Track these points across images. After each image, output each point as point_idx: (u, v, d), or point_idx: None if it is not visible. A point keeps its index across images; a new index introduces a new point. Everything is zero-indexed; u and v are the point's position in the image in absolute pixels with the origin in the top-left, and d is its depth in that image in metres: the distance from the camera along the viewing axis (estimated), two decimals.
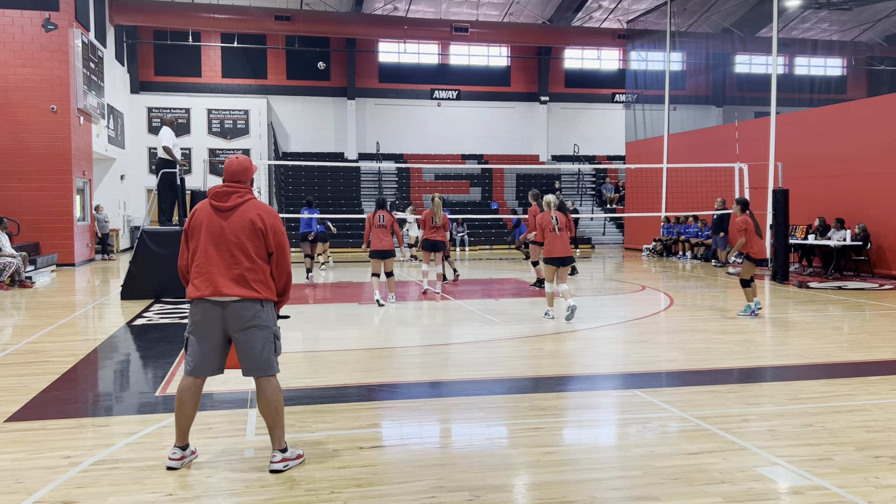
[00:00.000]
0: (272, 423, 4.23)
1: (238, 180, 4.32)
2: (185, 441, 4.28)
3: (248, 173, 4.37)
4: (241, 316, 4.15)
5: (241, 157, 4.39)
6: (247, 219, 4.22)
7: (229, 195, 4.26)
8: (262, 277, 4.21)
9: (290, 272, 4.38)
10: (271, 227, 4.27)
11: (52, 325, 9.31)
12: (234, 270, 4.16)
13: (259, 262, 4.21)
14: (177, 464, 4.19)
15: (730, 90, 30.47)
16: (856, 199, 15.70)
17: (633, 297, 12.49)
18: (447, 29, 27.73)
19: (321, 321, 9.76)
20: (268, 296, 4.22)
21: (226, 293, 4.13)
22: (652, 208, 22.54)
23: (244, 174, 4.35)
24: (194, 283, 4.22)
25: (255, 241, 4.21)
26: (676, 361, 7.12)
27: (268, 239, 4.25)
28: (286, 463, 4.18)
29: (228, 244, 4.18)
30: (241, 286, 4.15)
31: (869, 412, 5.28)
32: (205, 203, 4.32)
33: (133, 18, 25.39)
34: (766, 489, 3.88)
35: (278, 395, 4.23)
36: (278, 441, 4.22)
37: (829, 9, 27.85)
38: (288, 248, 4.35)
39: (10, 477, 4.09)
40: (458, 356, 7.53)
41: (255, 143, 28.39)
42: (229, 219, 4.21)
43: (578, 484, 3.96)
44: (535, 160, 30.93)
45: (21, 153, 17.93)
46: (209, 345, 4.20)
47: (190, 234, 4.30)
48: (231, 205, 4.23)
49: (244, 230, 4.20)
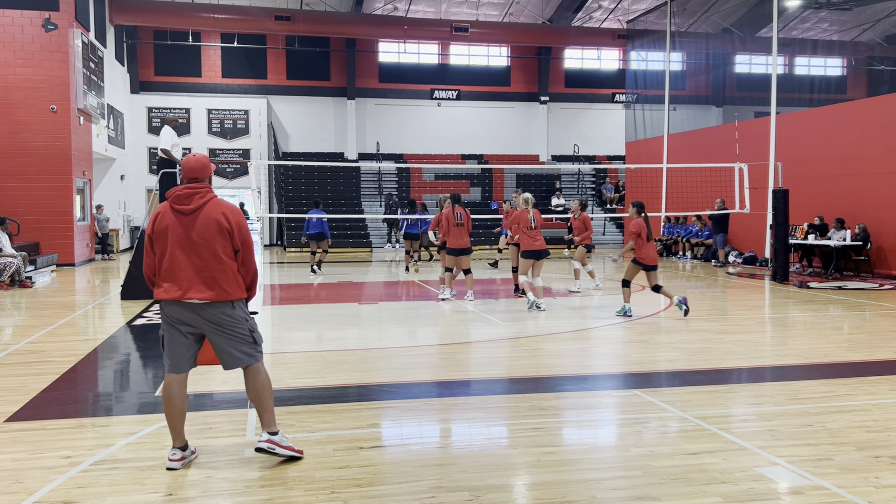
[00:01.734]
0: (260, 408, 4.38)
1: (196, 178, 4.34)
2: (183, 441, 4.29)
3: (207, 171, 4.40)
4: (214, 318, 4.23)
5: (198, 156, 4.43)
6: (212, 219, 4.25)
7: (191, 197, 4.28)
8: (232, 277, 4.27)
9: (256, 269, 4.44)
10: (237, 224, 4.32)
11: (52, 325, 9.31)
12: (203, 273, 4.21)
13: (227, 262, 4.26)
14: (177, 464, 4.21)
15: (730, 90, 30.47)
16: (856, 199, 15.70)
17: (633, 296, 12.47)
18: (447, 29, 27.73)
19: (321, 321, 9.76)
20: (238, 295, 4.30)
21: (197, 297, 4.18)
22: (652, 208, 22.52)
23: (202, 171, 4.37)
24: (163, 286, 4.25)
25: (223, 240, 4.26)
26: (676, 361, 7.11)
27: (234, 237, 4.30)
28: (272, 445, 4.27)
29: (196, 246, 4.22)
30: (212, 289, 4.21)
31: (869, 412, 5.28)
32: (166, 206, 4.32)
33: (133, 18, 25.39)
34: (766, 489, 3.88)
35: (265, 381, 4.37)
36: (267, 423, 4.34)
37: (829, 9, 27.85)
38: (253, 245, 4.42)
39: (10, 477, 4.09)
40: (458, 356, 7.53)
41: (255, 143, 28.39)
42: (194, 221, 4.24)
43: (578, 484, 3.96)
44: (535, 160, 30.93)
45: (21, 153, 17.94)
46: (183, 343, 4.28)
47: (154, 240, 4.30)
48: (194, 206, 4.25)
49: (210, 231, 4.23)
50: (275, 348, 7.97)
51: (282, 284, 14.96)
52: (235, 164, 28.30)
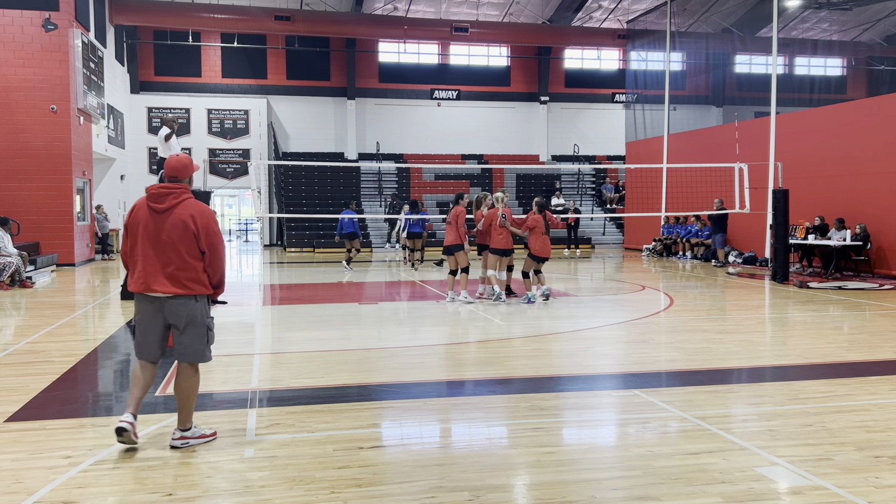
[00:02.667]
0: (181, 406, 4.57)
1: (175, 178, 4.52)
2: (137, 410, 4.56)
3: (187, 171, 4.56)
4: (176, 311, 4.46)
5: (181, 156, 4.60)
6: (180, 220, 4.40)
7: (165, 196, 4.45)
8: (195, 275, 4.45)
9: (223, 270, 4.56)
10: (203, 227, 4.43)
11: (52, 325, 9.31)
12: (167, 269, 4.40)
13: (191, 262, 4.43)
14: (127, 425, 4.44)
15: (730, 90, 30.47)
16: (856, 199, 15.70)
17: (633, 297, 12.49)
18: (447, 29, 27.73)
19: (321, 321, 9.76)
20: (200, 291, 4.48)
21: (159, 290, 4.42)
22: (652, 208, 22.55)
23: (182, 172, 4.54)
24: (132, 277, 4.54)
25: (188, 242, 4.42)
26: (676, 361, 7.11)
27: (200, 240, 4.44)
28: (185, 441, 4.52)
29: (164, 245, 4.40)
30: (175, 284, 4.41)
31: (869, 412, 5.28)
32: (143, 201, 4.52)
33: (133, 18, 25.40)
34: (766, 489, 3.88)
35: (195, 382, 4.58)
36: (182, 422, 4.55)
37: (829, 9, 27.86)
38: (221, 246, 4.52)
39: (10, 477, 4.09)
40: (458, 356, 7.53)
41: (255, 143, 28.40)
42: (165, 221, 4.41)
43: (578, 484, 3.96)
44: (535, 160, 30.94)
45: (21, 153, 17.94)
46: (151, 333, 4.54)
47: (128, 231, 4.57)
48: (166, 206, 4.42)
49: (177, 232, 4.39)
50: (275, 348, 7.97)
51: (282, 284, 14.96)
52: (235, 164, 28.31)
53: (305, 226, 26.59)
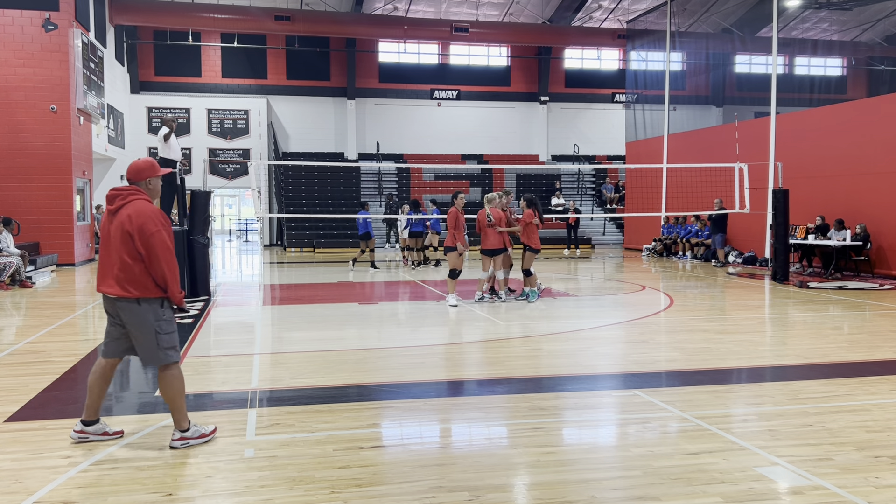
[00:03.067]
0: (170, 408, 4.59)
1: (130, 180, 4.58)
2: (92, 416, 4.63)
3: (141, 174, 4.58)
4: (123, 313, 4.53)
5: (139, 159, 4.67)
6: (120, 222, 4.45)
7: (115, 198, 4.53)
8: (135, 277, 4.43)
9: (164, 271, 4.44)
10: (137, 229, 4.40)
11: (52, 325, 9.31)
12: (114, 270, 4.48)
13: (130, 263, 4.43)
14: (75, 436, 4.61)
15: (730, 90, 30.48)
16: (856, 199, 15.70)
17: (633, 297, 12.49)
18: (447, 29, 27.73)
19: (321, 321, 9.76)
20: (142, 294, 4.45)
21: (107, 292, 4.54)
22: (652, 208, 22.55)
23: (135, 174, 4.58)
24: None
25: (126, 243, 4.43)
26: (676, 361, 7.11)
27: (135, 241, 4.41)
28: (185, 441, 4.53)
29: (111, 246, 4.49)
30: (117, 286, 4.47)
31: (869, 412, 5.28)
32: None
33: (133, 18, 25.40)
34: (766, 489, 3.88)
35: (173, 383, 4.56)
36: (178, 423, 4.56)
37: (829, 9, 27.86)
38: (160, 247, 4.41)
39: (10, 477, 4.09)
40: (458, 356, 7.53)
41: (255, 143, 28.40)
42: (113, 222, 4.49)
43: (578, 484, 3.96)
44: (535, 160, 30.93)
45: (21, 153, 17.93)
46: (113, 332, 4.64)
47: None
48: (114, 208, 4.50)
49: (118, 233, 4.45)
50: (275, 348, 7.97)
51: (282, 284, 14.96)
52: (235, 164, 28.31)
53: (305, 226, 26.59)
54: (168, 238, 4.48)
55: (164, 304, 4.55)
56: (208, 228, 12.67)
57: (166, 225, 4.50)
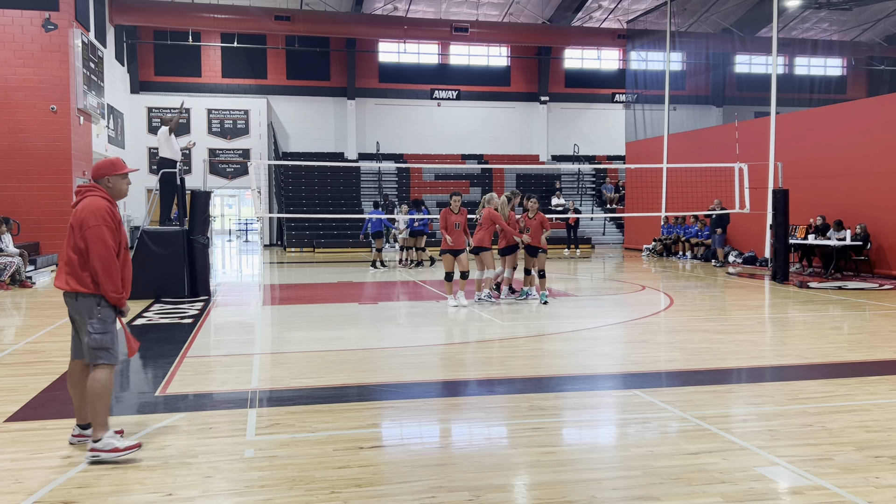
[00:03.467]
0: (91, 410, 4.41)
1: (92, 177, 4.61)
2: (83, 420, 4.58)
3: (101, 171, 4.60)
4: (68, 307, 4.54)
5: (104, 159, 4.68)
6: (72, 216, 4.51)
7: (76, 194, 4.58)
8: (76, 272, 4.45)
9: (97, 267, 4.39)
10: (79, 222, 4.44)
11: (52, 325, 9.31)
12: (62, 263, 4.53)
13: (73, 257, 4.47)
14: (73, 440, 4.58)
15: (730, 90, 30.48)
16: (856, 199, 15.70)
17: (633, 297, 12.49)
18: (447, 29, 27.74)
19: (321, 321, 9.76)
20: (78, 289, 4.43)
21: (55, 285, 4.58)
22: (652, 208, 22.54)
23: (96, 172, 4.61)
24: None
25: (72, 237, 4.48)
26: (676, 361, 7.11)
27: (76, 234, 4.45)
28: (95, 453, 4.30)
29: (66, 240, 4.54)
30: (61, 279, 4.50)
31: (869, 412, 5.28)
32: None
33: (133, 18, 25.40)
34: (766, 489, 3.88)
35: (95, 386, 4.38)
36: (93, 430, 4.37)
37: (829, 9, 27.86)
38: (95, 242, 4.37)
39: (10, 477, 4.09)
40: (458, 356, 7.53)
41: (255, 143, 28.40)
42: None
43: (578, 484, 3.96)
44: (535, 160, 30.94)
45: (21, 153, 17.94)
46: (73, 331, 4.64)
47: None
48: (74, 204, 4.57)
49: (70, 227, 4.50)
50: (275, 348, 7.97)
51: (282, 284, 14.96)
52: (235, 164, 28.31)
53: (305, 226, 26.59)
54: (109, 235, 4.40)
55: (101, 303, 4.44)
56: (208, 228, 12.68)
57: (111, 223, 4.42)
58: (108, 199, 4.54)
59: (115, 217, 4.49)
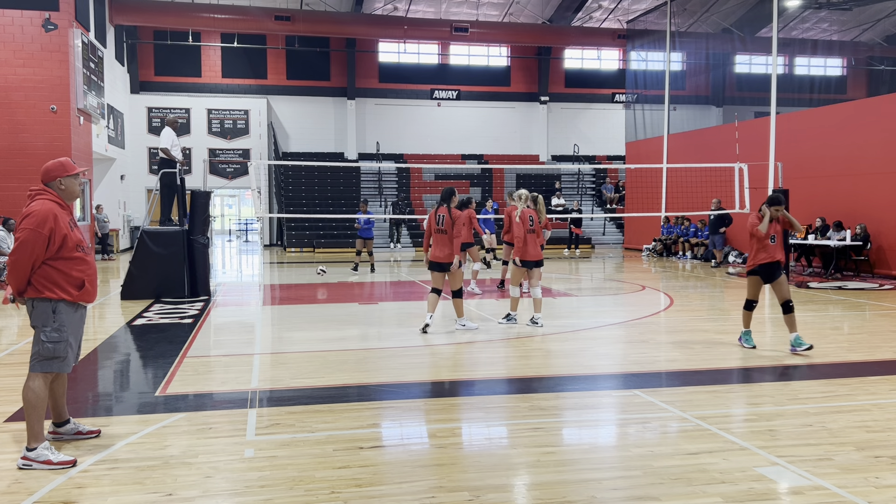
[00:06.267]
0: (26, 421, 4.31)
1: (42, 180, 4.56)
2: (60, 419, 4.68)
3: (51, 174, 4.54)
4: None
5: (53, 161, 4.59)
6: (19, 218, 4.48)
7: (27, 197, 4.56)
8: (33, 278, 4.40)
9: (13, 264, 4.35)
10: (19, 222, 4.47)
11: None
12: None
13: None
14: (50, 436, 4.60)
15: (730, 90, 30.46)
16: (856, 199, 15.70)
17: (633, 297, 12.49)
18: (447, 29, 27.73)
19: (321, 321, 9.76)
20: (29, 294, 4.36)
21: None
22: (652, 208, 22.54)
23: (45, 175, 4.56)
24: None
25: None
26: (676, 361, 7.12)
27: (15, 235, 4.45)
28: (27, 462, 4.22)
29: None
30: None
31: (869, 412, 5.28)
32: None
33: (133, 18, 25.39)
34: (766, 489, 3.88)
35: (28, 394, 4.32)
36: (29, 440, 4.28)
37: (829, 9, 27.86)
38: (25, 244, 4.33)
39: (10, 477, 4.09)
40: (457, 356, 7.53)
41: (255, 143, 28.39)
42: None
43: (578, 484, 3.96)
44: (535, 160, 30.93)
45: (21, 153, 17.92)
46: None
47: None
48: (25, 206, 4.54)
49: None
50: (275, 348, 7.97)
51: (282, 284, 14.96)
52: (235, 164, 28.30)
53: (305, 226, 26.58)
54: (37, 240, 4.28)
55: (56, 310, 4.34)
56: (208, 228, 12.68)
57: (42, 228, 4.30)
58: (58, 201, 4.46)
59: (60, 222, 4.38)
